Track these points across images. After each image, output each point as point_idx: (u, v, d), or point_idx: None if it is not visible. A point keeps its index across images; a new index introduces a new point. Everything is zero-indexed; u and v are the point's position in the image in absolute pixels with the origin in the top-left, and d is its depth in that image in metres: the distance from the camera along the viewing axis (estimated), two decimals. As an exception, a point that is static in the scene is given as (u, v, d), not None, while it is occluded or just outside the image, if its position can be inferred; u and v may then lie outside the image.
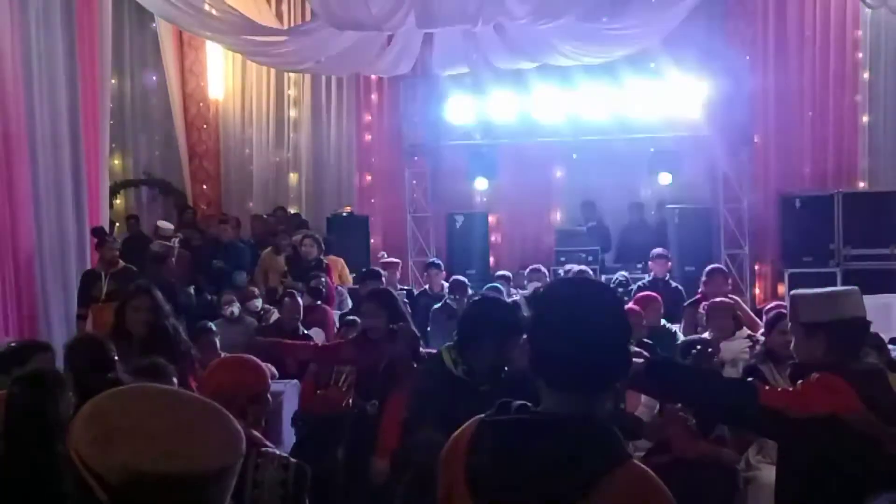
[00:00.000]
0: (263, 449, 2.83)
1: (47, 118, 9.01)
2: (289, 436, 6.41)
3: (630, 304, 6.84)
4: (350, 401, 5.41)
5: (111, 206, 11.96)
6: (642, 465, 1.89)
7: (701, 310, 6.89)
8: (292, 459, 2.90)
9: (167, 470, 1.29)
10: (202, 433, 1.37)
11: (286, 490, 2.80)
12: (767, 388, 3.14)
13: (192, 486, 1.31)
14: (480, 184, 13.15)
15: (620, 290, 9.33)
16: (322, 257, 10.01)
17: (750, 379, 3.93)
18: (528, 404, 1.95)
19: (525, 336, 2.08)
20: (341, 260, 10.97)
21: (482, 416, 1.99)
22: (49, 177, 9.02)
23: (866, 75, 11.88)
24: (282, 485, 2.80)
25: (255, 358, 3.26)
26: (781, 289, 11.16)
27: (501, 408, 1.96)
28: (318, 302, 8.46)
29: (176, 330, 5.11)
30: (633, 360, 2.88)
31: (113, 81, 12.01)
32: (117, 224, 12.79)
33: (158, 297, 5.08)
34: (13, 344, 5.05)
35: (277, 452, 2.85)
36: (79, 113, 9.38)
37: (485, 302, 3.98)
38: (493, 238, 13.13)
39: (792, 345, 3.16)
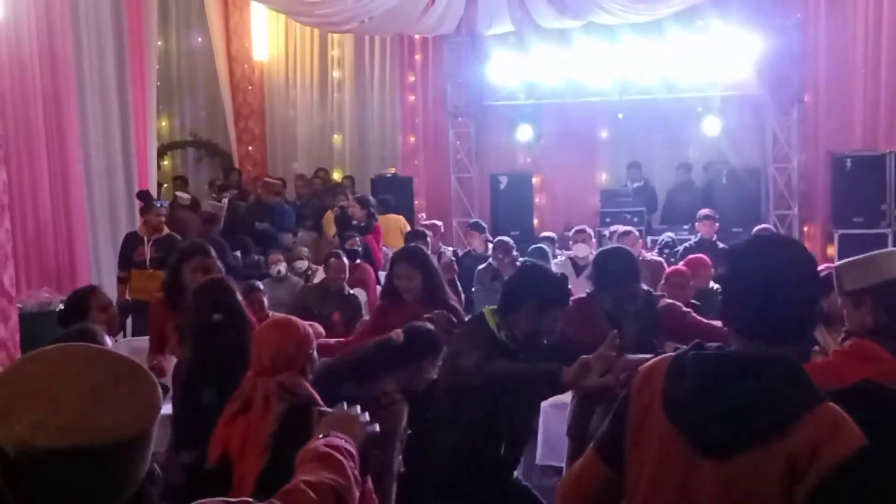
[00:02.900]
0: (320, 408, 2.86)
1: (96, 80, 9.13)
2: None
3: (678, 266, 6.79)
4: None
5: (159, 167, 12.10)
6: (837, 407, 1.95)
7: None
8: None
9: (61, 444, 1.26)
10: (112, 401, 1.32)
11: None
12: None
13: (88, 459, 1.28)
14: (524, 144, 13.08)
15: (666, 251, 9.27)
16: (374, 219, 9.98)
17: None
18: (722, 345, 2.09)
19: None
20: (402, 218, 10.99)
21: (678, 351, 2.12)
22: (98, 138, 9.15)
23: (922, 31, 11.57)
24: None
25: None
26: (831, 250, 10.99)
27: (697, 346, 2.08)
28: (358, 261, 8.48)
29: None
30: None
31: (159, 43, 12.09)
32: (165, 185, 12.95)
33: (214, 257, 5.14)
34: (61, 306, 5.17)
35: (331, 411, 2.89)
36: (127, 75, 9.48)
37: (530, 270, 3.95)
38: (537, 199, 13.06)
39: (845, 317, 3.12)
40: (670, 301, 4.51)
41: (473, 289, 8.25)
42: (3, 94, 6.91)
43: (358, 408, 2.28)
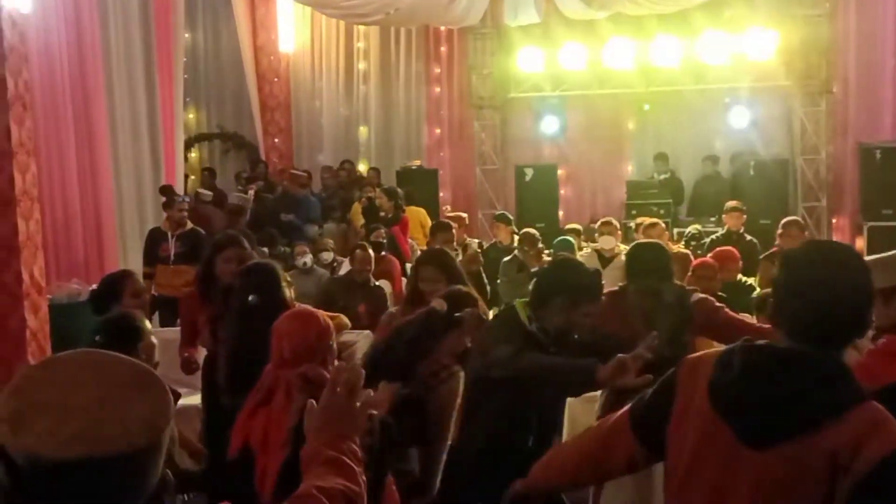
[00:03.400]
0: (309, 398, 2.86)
1: (124, 73, 9.20)
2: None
3: (705, 258, 6.75)
4: None
5: (186, 159, 12.17)
6: (880, 406, 1.99)
7: (778, 263, 6.74)
8: (374, 412, 2.93)
9: (70, 454, 1.25)
10: (122, 410, 1.32)
11: (372, 440, 2.83)
12: None
13: (99, 468, 1.27)
14: (550, 136, 13.04)
15: (693, 243, 9.21)
16: (401, 211, 9.98)
17: None
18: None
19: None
20: (423, 211, 11.00)
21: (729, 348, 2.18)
22: (126, 131, 9.23)
23: (953, 21, 11.41)
24: (368, 434, 2.84)
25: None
26: (860, 243, 10.88)
27: (747, 342, 2.15)
28: (384, 253, 8.50)
29: None
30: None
31: (186, 36, 12.15)
32: (192, 177, 13.02)
33: (248, 248, 5.17)
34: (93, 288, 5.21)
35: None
36: (154, 68, 9.55)
37: (563, 264, 3.90)
38: (562, 191, 13.02)
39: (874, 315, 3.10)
40: (703, 295, 4.48)
41: (499, 281, 8.25)
42: (32, 88, 6.98)
43: (370, 392, 2.24)
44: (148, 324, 3.85)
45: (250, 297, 3.81)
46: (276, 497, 2.64)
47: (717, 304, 4.42)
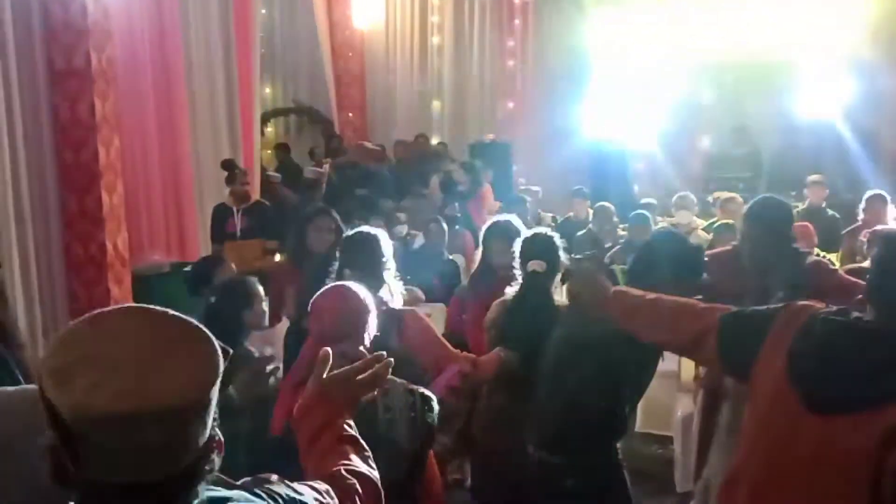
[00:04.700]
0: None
1: (202, 49, 9.33)
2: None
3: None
4: None
5: (262, 133, 12.32)
6: None
7: (863, 237, 6.56)
8: (414, 386, 2.94)
9: (117, 408, 1.23)
10: (171, 365, 1.29)
11: (415, 413, 2.85)
12: None
13: (146, 424, 1.24)
14: (625, 109, 12.86)
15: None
16: (478, 185, 9.97)
17: None
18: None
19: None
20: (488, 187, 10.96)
21: (815, 312, 2.24)
22: (204, 105, 9.36)
23: None
24: (410, 408, 2.85)
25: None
26: (948, 218, 10.53)
27: (838, 313, 2.19)
28: (457, 227, 8.51)
29: None
30: None
31: (262, 11, 12.27)
32: (268, 152, 13.19)
33: (338, 219, 5.21)
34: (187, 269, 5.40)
35: (397, 381, 2.87)
36: (232, 43, 9.66)
37: (665, 238, 3.81)
38: (637, 165, 12.85)
39: None
40: (818, 258, 4.37)
41: (573, 255, 8.19)
42: (114, 64, 7.12)
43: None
44: (261, 289, 3.96)
45: (346, 272, 3.83)
46: None
47: (832, 266, 4.31)
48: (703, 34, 11.77)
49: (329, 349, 2.06)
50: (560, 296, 3.74)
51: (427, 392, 2.95)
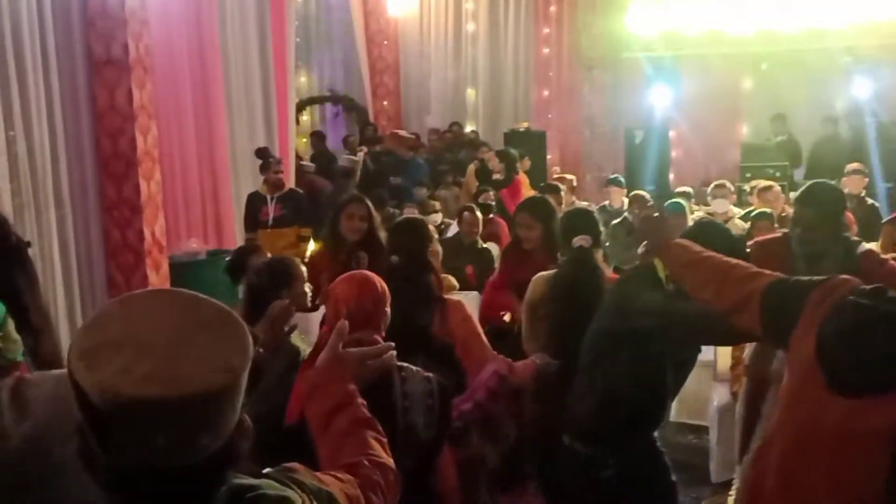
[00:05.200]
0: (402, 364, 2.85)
1: (238, 37, 9.38)
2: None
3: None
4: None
5: (297, 122, 12.38)
6: None
7: (902, 227, 6.46)
8: (430, 374, 2.93)
9: (145, 392, 1.21)
10: (200, 350, 1.28)
11: (432, 400, 2.85)
12: None
13: (174, 409, 1.23)
14: (662, 97, 12.77)
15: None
16: (514, 173, 9.94)
17: None
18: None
19: None
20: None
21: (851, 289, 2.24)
22: (240, 93, 9.42)
23: None
24: (428, 395, 2.85)
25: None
26: None
27: (872, 293, 2.19)
28: (492, 215, 8.50)
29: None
30: None
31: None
32: (304, 140, 13.25)
33: (371, 207, 5.23)
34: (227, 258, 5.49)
35: (414, 368, 2.88)
36: (268, 31, 9.70)
37: (706, 227, 3.78)
38: (673, 153, 12.76)
39: None
40: (870, 247, 4.33)
41: (608, 243, 8.16)
42: (151, 52, 7.19)
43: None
44: (304, 269, 3.99)
45: (392, 258, 3.83)
46: None
47: (883, 255, 4.27)
48: (741, 21, 11.63)
49: (346, 321, 2.07)
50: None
51: (444, 381, 2.94)
